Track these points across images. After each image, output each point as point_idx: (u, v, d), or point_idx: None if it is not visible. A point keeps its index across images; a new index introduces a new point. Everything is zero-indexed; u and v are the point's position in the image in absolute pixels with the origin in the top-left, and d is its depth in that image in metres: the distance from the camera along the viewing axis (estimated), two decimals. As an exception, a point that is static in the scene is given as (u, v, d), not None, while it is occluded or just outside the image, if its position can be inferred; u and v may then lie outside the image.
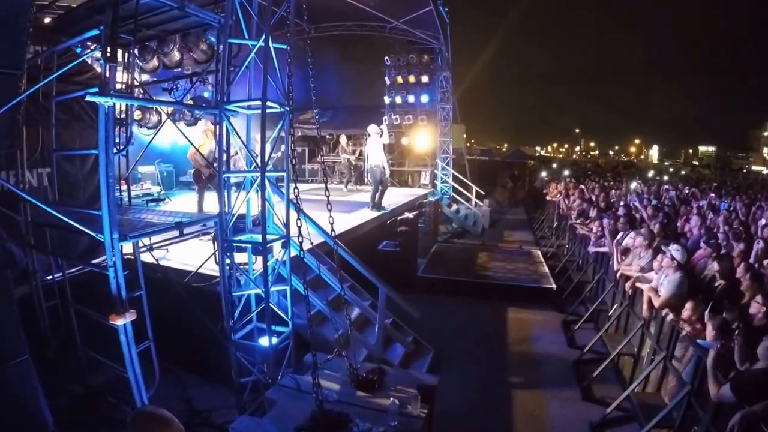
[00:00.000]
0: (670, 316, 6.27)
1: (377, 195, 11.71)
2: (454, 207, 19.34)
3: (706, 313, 5.72)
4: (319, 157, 19.36)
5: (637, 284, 7.59)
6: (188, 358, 6.73)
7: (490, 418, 6.76)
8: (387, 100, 19.63)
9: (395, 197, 14.71)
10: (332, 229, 6.07)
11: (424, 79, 19.34)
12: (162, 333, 5.68)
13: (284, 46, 5.69)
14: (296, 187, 5.49)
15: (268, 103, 5.52)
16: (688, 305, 6.04)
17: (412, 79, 19.34)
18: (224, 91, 5.71)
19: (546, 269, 13.05)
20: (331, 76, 18.63)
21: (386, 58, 19.50)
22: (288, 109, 5.77)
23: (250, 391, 6.09)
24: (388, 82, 19.66)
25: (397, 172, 20.06)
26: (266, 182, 5.69)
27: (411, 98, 19.42)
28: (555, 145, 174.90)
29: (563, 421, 6.74)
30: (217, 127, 5.78)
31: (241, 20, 5.74)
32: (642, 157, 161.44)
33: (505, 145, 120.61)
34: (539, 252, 15.13)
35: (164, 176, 13.51)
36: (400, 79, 19.47)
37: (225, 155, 5.79)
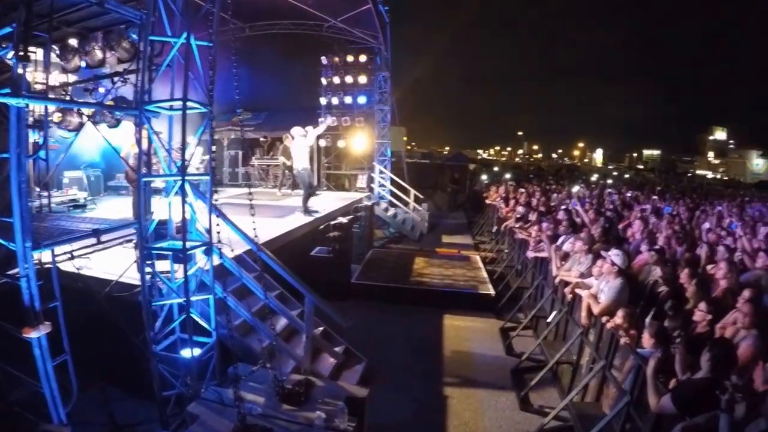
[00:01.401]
0: (610, 324, 6.14)
1: (307, 199, 11.45)
2: (392, 211, 19.02)
3: (647, 320, 5.68)
4: (253, 159, 19.05)
5: (577, 290, 7.50)
6: (112, 372, 6.34)
7: (424, 430, 6.65)
8: (323, 101, 19.28)
9: (330, 201, 14.46)
10: (255, 235, 5.88)
11: (362, 79, 19.09)
12: (85, 345, 5.33)
13: (208, 44, 5.50)
14: (215, 191, 5.21)
15: (192, 104, 5.28)
16: (620, 313, 5.96)
17: (349, 79, 19.09)
18: (144, 91, 5.44)
19: (485, 275, 12.96)
20: (267, 76, 18.09)
21: (323, 57, 19.21)
22: (210, 109, 5.46)
23: (174, 405, 5.80)
24: (324, 83, 19.33)
25: (334, 176, 19.80)
26: (188, 187, 5.39)
27: (348, 99, 19.13)
28: (498, 148, 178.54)
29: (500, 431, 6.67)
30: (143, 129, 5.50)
31: (164, 17, 5.46)
32: (586, 160, 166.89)
33: (447, 148, 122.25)
34: (478, 257, 15.08)
35: (91, 181, 12.83)
36: (337, 80, 19.19)
37: (146, 158, 5.52)
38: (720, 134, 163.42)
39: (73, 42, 6.79)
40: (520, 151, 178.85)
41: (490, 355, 8.91)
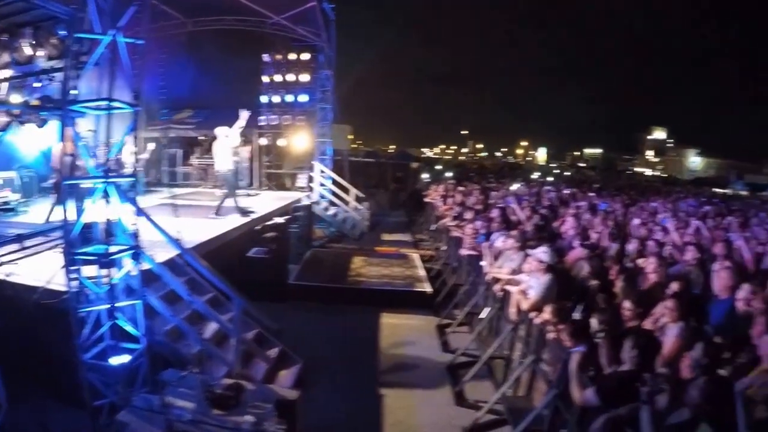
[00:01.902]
0: (539, 319, 6.29)
1: (227, 200, 11.14)
2: (332, 210, 18.85)
3: (574, 315, 5.80)
4: (192, 158, 18.68)
5: (507, 287, 7.60)
6: (45, 381, 6.22)
7: (358, 430, 6.69)
8: (264, 99, 19.04)
9: (269, 201, 14.35)
10: (179, 238, 5.80)
11: (304, 78, 18.93)
12: (16, 354, 5.27)
13: (136, 41, 5.33)
14: (154, 191, 5.15)
15: (118, 104, 5.20)
16: (548, 308, 6.09)
17: (291, 77, 18.91)
18: (68, 90, 5.28)
19: (422, 272, 13.07)
20: (209, 73, 17.69)
21: (265, 55, 18.96)
22: (137, 109, 5.38)
23: (107, 414, 5.63)
24: (266, 81, 19.08)
25: (275, 175, 19.55)
26: (113, 189, 5.33)
27: (290, 98, 18.96)
28: (443, 146, 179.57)
29: (435, 428, 6.77)
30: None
31: (94, 13, 5.29)
32: (529, 158, 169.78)
33: (393, 147, 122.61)
34: (417, 255, 15.15)
35: (25, 182, 12.24)
36: (279, 78, 18.99)
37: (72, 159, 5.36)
38: (659, 134, 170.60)
39: (2, 37, 6.64)
40: (465, 150, 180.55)
41: (426, 352, 8.99)
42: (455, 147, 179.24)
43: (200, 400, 5.01)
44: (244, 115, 11.14)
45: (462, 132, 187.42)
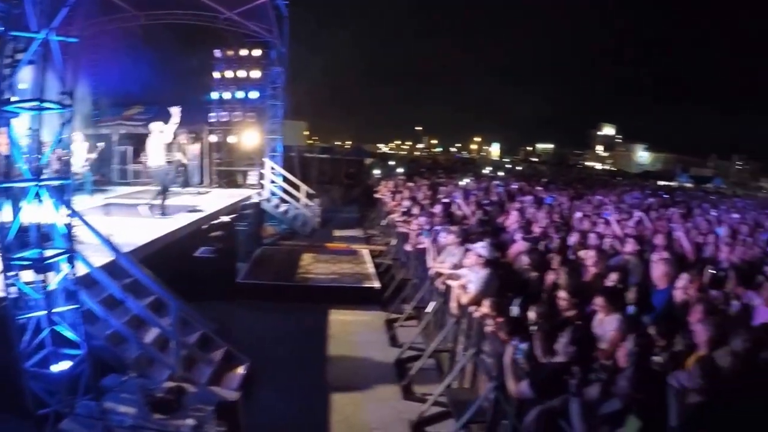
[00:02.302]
0: (478, 313, 6.36)
1: (163, 199, 10.90)
2: (283, 207, 18.71)
3: (512, 308, 5.89)
4: (143, 156, 18.32)
5: (448, 281, 7.67)
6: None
7: (306, 429, 6.68)
8: (215, 95, 18.92)
9: (217, 199, 14.22)
10: (112, 239, 5.71)
11: (255, 74, 18.92)
12: None
13: (69, 39, 5.22)
14: (103, 190, 5.09)
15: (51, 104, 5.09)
16: (486, 302, 6.17)
17: (242, 73, 18.86)
18: (2, 89, 5.13)
19: (371, 268, 13.14)
20: (160, 68, 17.16)
21: (216, 50, 18.81)
22: (70, 110, 5.31)
23: (53, 423, 5.45)
24: (217, 77, 18.96)
25: (225, 172, 19.35)
26: (45, 192, 5.23)
27: (240, 94, 18.89)
28: (398, 142, 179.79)
29: (383, 423, 6.80)
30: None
31: (31, 9, 5.13)
32: (483, 154, 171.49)
33: (349, 142, 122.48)
34: (366, 251, 15.18)
35: None
36: (230, 74, 18.90)
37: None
38: (608, 130, 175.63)
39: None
40: (420, 145, 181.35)
41: (374, 348, 9.05)
42: (410, 142, 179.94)
43: (141, 405, 5.01)
44: (176, 111, 10.96)
45: (416, 128, 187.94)
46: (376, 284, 11.79)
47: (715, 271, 7.19)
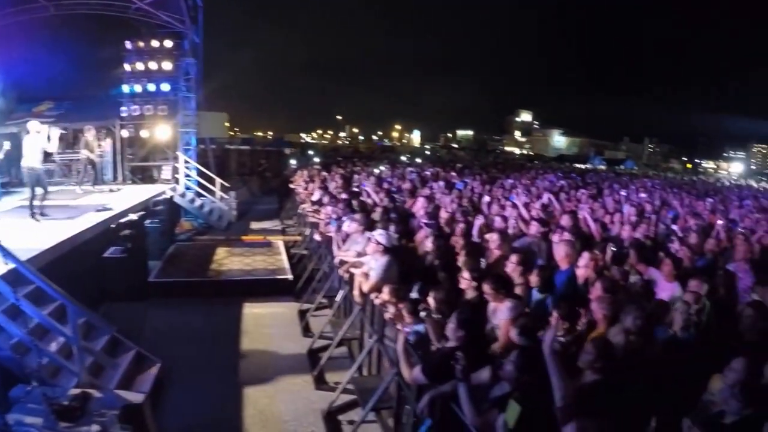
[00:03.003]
0: (378, 300, 6.42)
1: (35, 200, 10.46)
2: (198, 202, 18.47)
3: (412, 294, 5.98)
4: (54, 154, 17.66)
5: (352, 269, 7.70)
6: None
7: (219, 426, 6.67)
8: (126, 88, 18.46)
9: (129, 197, 14.03)
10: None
11: (167, 66, 18.54)
12: None
13: None
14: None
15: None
16: (386, 289, 6.22)
17: (153, 65, 18.44)
18: None
19: (284, 259, 13.18)
20: (71, 61, 16.80)
21: (127, 42, 18.32)
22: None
23: None
24: (128, 69, 18.47)
25: (139, 168, 18.98)
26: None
27: (152, 87, 18.49)
28: (320, 131, 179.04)
29: (295, 414, 6.85)
30: None
31: None
32: (405, 141, 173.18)
33: (270, 133, 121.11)
34: (281, 242, 15.20)
35: None
36: (141, 66, 18.45)
37: None
38: (525, 116, 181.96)
39: None
40: (343, 134, 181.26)
41: (287, 339, 9.13)
42: (331, 132, 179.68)
43: (47, 414, 4.93)
44: (33, 125, 10.67)
45: (337, 117, 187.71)
46: (289, 275, 11.84)
47: (615, 249, 7.44)
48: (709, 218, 12.54)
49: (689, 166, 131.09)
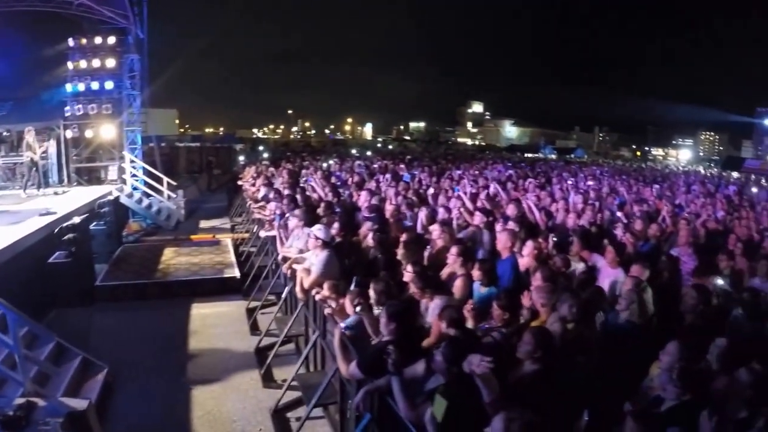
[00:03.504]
0: (319, 296, 6.34)
1: None
2: (146, 202, 18.16)
3: (351, 287, 5.84)
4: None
5: (294, 266, 7.60)
6: None
7: (167, 429, 6.65)
8: (69, 87, 18.12)
9: (75, 199, 13.87)
10: None
11: (110, 63, 18.25)
12: None
13: None
14: None
15: None
16: (326, 284, 6.19)
17: (97, 63, 18.11)
18: None
19: (232, 257, 13.14)
20: (11, 61, 16.48)
21: (70, 39, 17.97)
22: None
23: None
24: (71, 68, 18.16)
25: (86, 169, 18.62)
26: None
27: (95, 85, 18.20)
28: (272, 126, 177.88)
29: (244, 413, 6.86)
30: None
31: None
32: (357, 134, 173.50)
33: (222, 129, 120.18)
34: (229, 240, 15.18)
35: None
36: (84, 64, 18.12)
37: None
38: (477, 107, 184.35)
39: None
40: (295, 129, 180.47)
41: (235, 338, 9.14)
42: (283, 126, 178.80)
43: None
44: None
45: (288, 111, 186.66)
46: (237, 273, 11.83)
47: (555, 238, 7.50)
48: (656, 204, 12.88)
49: (639, 153, 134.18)
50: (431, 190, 12.30)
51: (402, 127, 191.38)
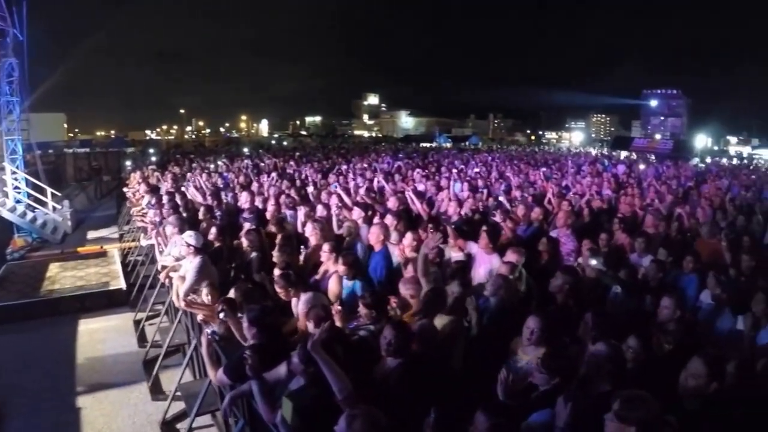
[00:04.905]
0: (183, 304, 6.34)
1: None
2: (30, 215, 17.41)
3: (231, 292, 5.74)
4: None
5: (171, 273, 7.40)
6: None
7: None
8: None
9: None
10: None
11: (-14, 67, 17.26)
12: None
13: None
14: None
15: None
16: (204, 290, 6.16)
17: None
18: None
19: (119, 268, 12.92)
20: None
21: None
22: None
23: None
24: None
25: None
26: None
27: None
28: (165, 127, 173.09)
29: (134, 428, 6.85)
30: None
31: None
32: (253, 131, 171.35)
33: (113, 132, 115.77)
34: (116, 250, 14.92)
35: None
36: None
37: None
38: (373, 99, 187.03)
39: None
40: (189, 128, 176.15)
41: (123, 351, 9.04)
42: (177, 127, 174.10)
43: None
44: None
45: (180, 111, 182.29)
46: (122, 285, 11.68)
47: (432, 228, 7.38)
48: (543, 187, 13.51)
49: (533, 138, 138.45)
50: (311, 188, 12.20)
51: (298, 122, 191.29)
